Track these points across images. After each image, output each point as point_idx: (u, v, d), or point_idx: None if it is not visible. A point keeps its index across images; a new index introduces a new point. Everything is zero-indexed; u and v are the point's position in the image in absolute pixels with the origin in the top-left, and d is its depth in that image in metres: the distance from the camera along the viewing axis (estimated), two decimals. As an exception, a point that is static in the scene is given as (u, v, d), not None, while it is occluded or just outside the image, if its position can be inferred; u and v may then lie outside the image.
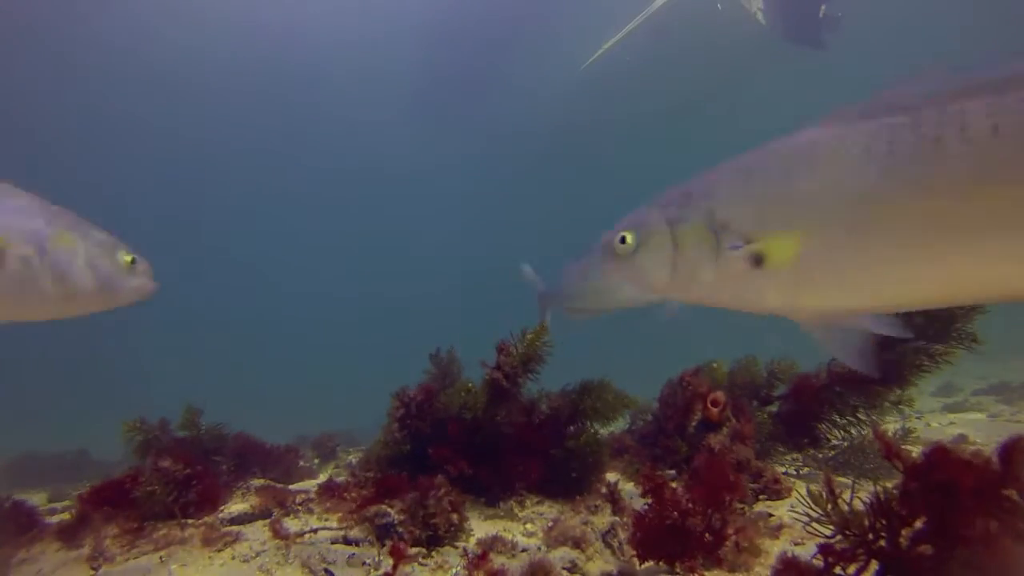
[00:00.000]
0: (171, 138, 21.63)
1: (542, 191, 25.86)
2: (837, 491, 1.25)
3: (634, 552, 1.71)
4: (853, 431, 2.83)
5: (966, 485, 1.03)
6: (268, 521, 2.19)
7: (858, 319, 1.28)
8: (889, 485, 1.20)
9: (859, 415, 2.79)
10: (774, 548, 1.80)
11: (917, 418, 4.53)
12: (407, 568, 1.72)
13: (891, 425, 2.85)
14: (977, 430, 4.10)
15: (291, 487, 2.82)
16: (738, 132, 7.62)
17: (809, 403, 2.86)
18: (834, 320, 1.28)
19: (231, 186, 25.35)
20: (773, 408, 3.07)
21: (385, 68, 20.56)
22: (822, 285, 1.22)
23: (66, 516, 2.28)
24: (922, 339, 2.61)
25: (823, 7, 9.37)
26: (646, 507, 1.69)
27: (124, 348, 24.67)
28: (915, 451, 1.28)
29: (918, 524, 1.13)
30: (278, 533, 2.03)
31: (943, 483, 1.06)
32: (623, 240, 1.42)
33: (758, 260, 1.23)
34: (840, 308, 1.26)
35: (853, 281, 1.20)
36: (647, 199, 1.46)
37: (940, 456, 1.09)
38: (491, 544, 1.93)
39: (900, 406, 2.74)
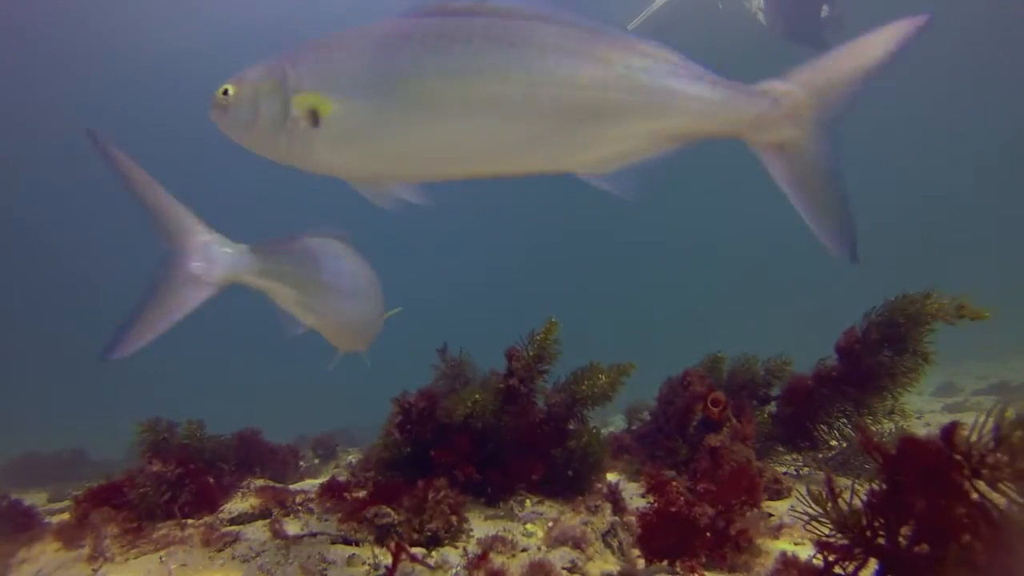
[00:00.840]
0: (172, 138, 21.61)
1: (542, 190, 25.87)
2: (837, 490, 1.24)
3: (637, 552, 1.70)
4: (847, 432, 2.83)
5: (915, 471, 1.04)
6: (268, 521, 2.18)
7: (397, 185, 1.48)
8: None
9: (853, 418, 2.79)
10: (774, 548, 1.80)
11: (917, 418, 4.52)
12: (407, 568, 1.72)
13: (887, 425, 2.85)
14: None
15: (291, 487, 2.81)
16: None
17: (803, 405, 2.86)
18: (377, 184, 1.48)
19: (231, 186, 25.33)
20: (772, 408, 3.07)
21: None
22: (366, 149, 1.42)
23: (66, 516, 2.27)
24: (890, 352, 2.66)
25: (825, 7, 9.34)
26: (649, 505, 1.69)
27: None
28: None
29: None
30: (278, 533, 2.02)
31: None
32: (225, 93, 1.49)
33: (316, 120, 1.38)
34: (382, 173, 1.46)
35: (393, 149, 1.41)
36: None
37: (910, 447, 1.08)
38: (491, 544, 1.92)
39: (892, 415, 2.77)
